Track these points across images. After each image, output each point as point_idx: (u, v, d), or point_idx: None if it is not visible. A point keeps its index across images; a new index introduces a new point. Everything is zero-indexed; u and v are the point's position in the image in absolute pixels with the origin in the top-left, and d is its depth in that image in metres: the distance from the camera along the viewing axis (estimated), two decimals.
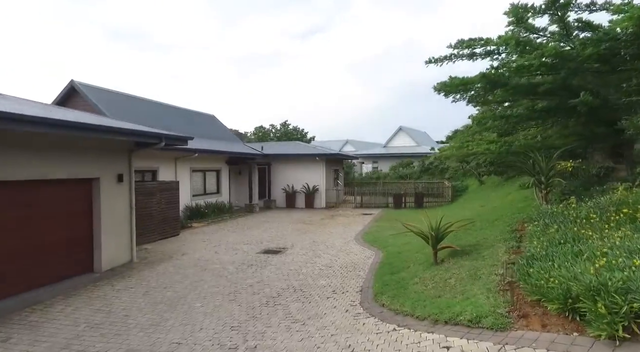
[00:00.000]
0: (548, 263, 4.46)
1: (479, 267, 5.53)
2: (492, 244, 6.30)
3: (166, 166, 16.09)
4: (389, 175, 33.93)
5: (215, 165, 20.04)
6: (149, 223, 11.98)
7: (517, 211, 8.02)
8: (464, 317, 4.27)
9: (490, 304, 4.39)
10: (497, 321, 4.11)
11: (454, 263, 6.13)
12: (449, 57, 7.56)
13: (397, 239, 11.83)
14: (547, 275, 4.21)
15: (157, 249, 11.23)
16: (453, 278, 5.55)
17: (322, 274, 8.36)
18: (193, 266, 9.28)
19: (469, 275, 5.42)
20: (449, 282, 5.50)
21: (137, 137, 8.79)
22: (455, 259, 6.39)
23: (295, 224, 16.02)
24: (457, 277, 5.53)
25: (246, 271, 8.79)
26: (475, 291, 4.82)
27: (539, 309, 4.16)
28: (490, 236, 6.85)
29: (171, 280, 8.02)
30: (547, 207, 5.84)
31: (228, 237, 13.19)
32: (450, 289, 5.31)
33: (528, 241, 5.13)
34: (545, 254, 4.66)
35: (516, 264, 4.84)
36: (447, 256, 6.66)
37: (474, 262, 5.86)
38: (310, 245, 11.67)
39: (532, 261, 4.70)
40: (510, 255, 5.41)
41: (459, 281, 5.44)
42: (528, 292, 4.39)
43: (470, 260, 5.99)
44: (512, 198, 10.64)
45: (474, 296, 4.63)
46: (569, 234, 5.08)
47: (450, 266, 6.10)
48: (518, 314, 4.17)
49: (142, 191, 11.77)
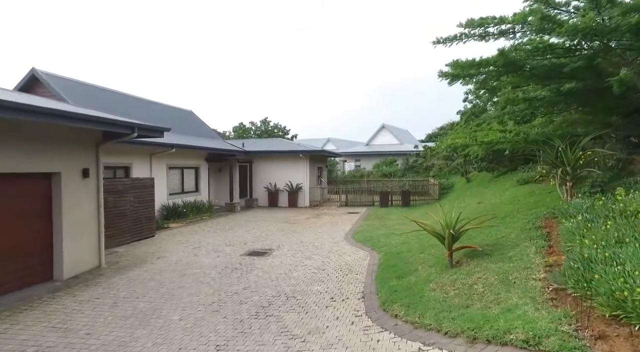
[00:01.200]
0: (616, 268, 3.72)
1: (509, 271, 4.83)
2: (515, 243, 5.62)
3: (141, 162, 14.93)
4: (373, 173, 33.42)
5: (194, 162, 18.93)
6: (121, 224, 10.89)
7: (529, 206, 7.41)
8: (515, 336, 3.49)
9: (546, 319, 3.63)
10: (565, 343, 3.30)
11: (476, 266, 5.42)
12: (459, 37, 6.85)
13: (390, 238, 11.17)
14: (625, 284, 3.45)
15: (130, 252, 10.16)
16: (479, 284, 4.83)
17: (316, 278, 7.56)
18: (170, 270, 8.31)
19: (500, 280, 4.71)
20: (475, 289, 4.79)
21: (106, 126, 7.74)
22: (475, 261, 5.70)
23: (279, 224, 15.15)
24: (485, 283, 4.83)
25: (230, 275, 7.89)
26: (515, 300, 4.10)
27: (620, 328, 3.34)
28: (508, 234, 6.18)
29: (145, 288, 7.05)
30: (580, 201, 5.21)
31: (208, 238, 12.21)
32: (480, 297, 4.59)
33: (566, 240, 4.47)
34: (608, 257, 3.96)
35: (564, 267, 4.13)
36: (463, 257, 5.95)
37: (501, 264, 5.17)
38: (298, 246, 10.84)
39: (590, 264, 3.96)
40: (545, 256, 4.74)
41: (488, 287, 4.74)
42: (599, 305, 3.60)
43: (494, 262, 5.33)
44: (511, 194, 10.08)
45: (517, 306, 3.90)
46: (627, 232, 4.40)
47: (471, 268, 5.39)
48: (592, 334, 3.36)
49: (113, 188, 10.68)
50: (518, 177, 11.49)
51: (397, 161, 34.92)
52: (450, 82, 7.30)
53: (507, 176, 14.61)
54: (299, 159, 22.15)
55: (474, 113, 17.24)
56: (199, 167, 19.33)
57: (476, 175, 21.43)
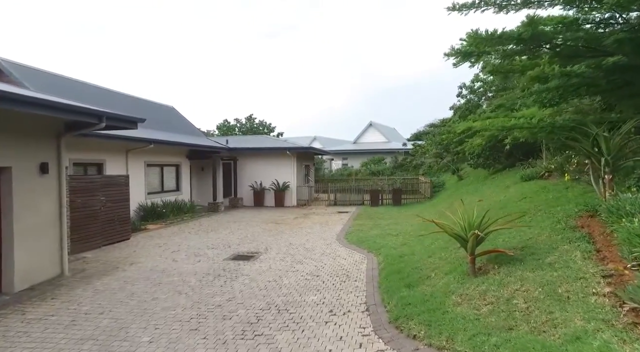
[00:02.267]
0: None
1: (555, 282, 3.99)
2: (550, 246, 4.82)
3: (115, 159, 13.80)
4: (361, 171, 32.73)
5: (175, 159, 17.82)
6: (91, 226, 9.81)
7: (549, 203, 6.66)
8: None
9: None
10: None
11: (507, 274, 4.56)
12: (477, 4, 6.07)
13: (387, 239, 10.40)
14: None
15: (100, 257, 9.11)
16: (519, 298, 3.99)
17: (310, 285, 6.70)
18: (144, 279, 7.33)
19: (546, 294, 3.85)
20: (516, 305, 3.93)
21: (67, 114, 6.69)
22: (505, 268, 4.80)
23: (266, 224, 14.23)
24: (527, 297, 3.98)
25: (212, 284, 6.97)
26: (580, 323, 3.18)
27: None
28: (537, 235, 5.39)
29: (112, 300, 6.07)
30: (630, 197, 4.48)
31: (189, 240, 11.22)
32: (525, 316, 3.71)
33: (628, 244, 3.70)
34: None
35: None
36: (487, 263, 5.11)
37: (540, 273, 4.29)
38: (288, 248, 9.96)
39: None
40: (598, 264, 3.96)
41: (532, 302, 3.87)
42: None
43: (531, 269, 4.43)
44: (517, 191, 9.40)
45: (587, 333, 2.93)
46: None
47: (503, 278, 4.55)
48: None
49: (81, 186, 9.60)
50: (521, 173, 10.82)
51: (386, 159, 34.34)
52: (458, 62, 6.53)
53: (505, 173, 14.00)
54: (286, 157, 21.24)
55: (467, 108, 16.65)
56: (180, 164, 18.24)
57: (469, 172, 20.89)
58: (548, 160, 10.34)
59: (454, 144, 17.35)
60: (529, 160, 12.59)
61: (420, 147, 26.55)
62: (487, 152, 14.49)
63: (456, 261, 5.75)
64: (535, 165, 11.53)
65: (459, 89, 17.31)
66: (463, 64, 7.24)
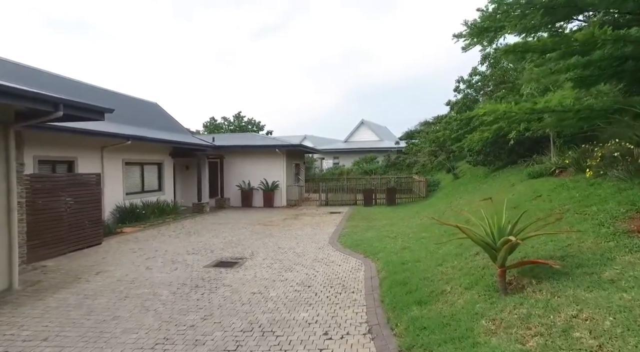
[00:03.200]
0: None
1: (630, 307, 3.01)
2: (600, 255, 3.88)
3: (89, 156, 12.72)
4: (352, 170, 31.88)
5: (157, 157, 16.76)
6: (54, 230, 8.76)
7: (578, 203, 5.73)
8: None
9: None
10: None
11: (553, 293, 3.58)
12: None
13: (384, 242, 9.53)
14: None
15: (62, 266, 8.07)
16: (582, 329, 2.99)
17: (300, 299, 5.79)
18: (109, 291, 6.35)
19: (624, 325, 2.87)
20: (579, 341, 2.89)
21: (14, 100, 5.65)
22: (547, 284, 3.78)
23: (254, 226, 13.27)
24: (593, 329, 2.97)
25: (188, 297, 6.02)
26: None
27: None
28: (578, 241, 4.41)
29: (63, 321, 5.08)
30: None
31: (168, 244, 10.22)
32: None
33: None
34: None
35: None
36: (520, 277, 4.11)
37: (603, 293, 3.33)
38: (276, 253, 9.04)
39: None
40: None
41: (605, 338, 2.84)
42: None
43: (586, 288, 3.46)
44: (526, 189, 8.59)
45: None
46: None
47: (548, 298, 3.55)
48: None
49: (42, 186, 8.54)
50: (527, 170, 10.03)
51: (378, 158, 33.57)
52: (469, 44, 5.70)
53: (507, 170, 13.23)
54: (275, 155, 20.29)
55: (465, 103, 15.91)
56: (162, 163, 17.17)
57: (465, 170, 20.17)
58: (560, 155, 9.57)
59: (451, 141, 16.61)
60: (532, 157, 11.85)
61: (414, 145, 25.76)
62: (488, 149, 13.73)
63: (475, 271, 4.87)
64: (542, 161, 10.78)
65: (457, 83, 16.60)
66: (473, 47, 6.41)
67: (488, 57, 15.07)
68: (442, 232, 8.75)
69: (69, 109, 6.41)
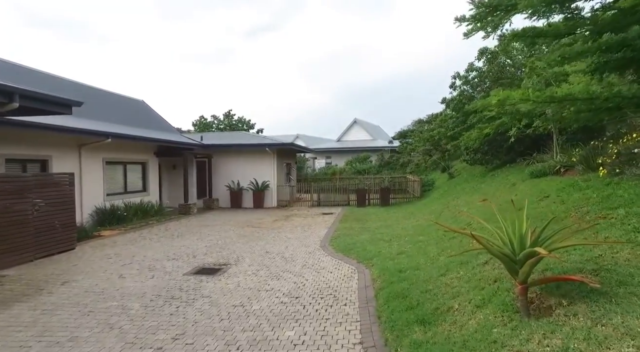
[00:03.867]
0: None
1: None
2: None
3: (65, 155, 11.95)
4: (345, 170, 31.31)
5: (141, 156, 16.00)
6: (18, 235, 8.01)
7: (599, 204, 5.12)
8: None
9: None
10: None
11: (594, 318, 2.89)
12: None
13: (379, 245, 8.94)
14: None
15: (25, 275, 7.35)
16: None
17: (287, 313, 5.15)
18: (72, 305, 5.65)
19: None
20: None
21: None
22: (582, 306, 3.10)
23: (241, 229, 12.60)
24: None
25: (160, 311, 5.35)
26: None
27: None
28: (609, 253, 3.79)
29: (10, 343, 4.39)
30: None
31: (148, 249, 9.51)
32: None
33: None
34: None
35: None
36: (544, 295, 3.35)
37: None
38: (263, 258, 8.40)
39: None
40: None
41: None
42: None
43: (634, 314, 2.77)
44: (529, 190, 8.04)
45: None
46: None
47: (589, 325, 2.83)
48: None
49: (4, 187, 7.79)
50: (529, 169, 9.50)
51: (371, 158, 33.04)
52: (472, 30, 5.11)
53: (505, 169, 12.71)
54: (266, 154, 19.61)
55: (461, 100, 15.40)
56: (146, 162, 16.42)
57: (460, 170, 19.68)
58: (563, 152, 9.04)
59: (447, 139, 16.09)
60: (533, 155, 11.34)
61: (408, 144, 25.25)
62: (486, 147, 13.21)
63: (485, 284, 4.24)
64: (543, 159, 10.26)
65: (453, 79, 16.08)
66: (476, 33, 5.82)
67: (485, 53, 14.57)
68: (440, 235, 8.18)
69: (26, 100, 5.71)
